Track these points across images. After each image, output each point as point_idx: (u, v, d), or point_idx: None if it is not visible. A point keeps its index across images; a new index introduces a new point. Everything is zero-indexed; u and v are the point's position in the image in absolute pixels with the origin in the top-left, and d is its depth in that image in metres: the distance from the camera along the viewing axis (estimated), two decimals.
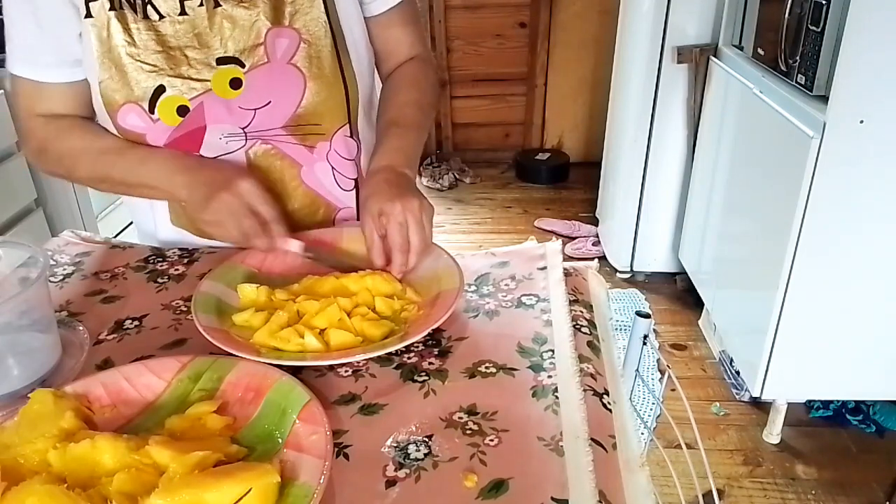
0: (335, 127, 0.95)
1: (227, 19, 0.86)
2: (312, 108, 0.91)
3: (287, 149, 0.93)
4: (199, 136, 0.89)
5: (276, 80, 0.88)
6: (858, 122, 1.48)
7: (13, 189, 1.97)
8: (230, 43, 0.86)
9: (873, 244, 1.60)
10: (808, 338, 1.73)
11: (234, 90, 0.88)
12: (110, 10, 0.84)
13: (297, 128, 0.92)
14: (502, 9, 3.47)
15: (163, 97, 0.86)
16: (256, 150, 0.92)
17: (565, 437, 0.61)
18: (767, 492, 1.74)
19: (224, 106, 0.88)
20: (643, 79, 2.35)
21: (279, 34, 0.87)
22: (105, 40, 0.84)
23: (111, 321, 0.81)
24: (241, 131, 0.90)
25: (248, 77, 0.87)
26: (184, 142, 0.89)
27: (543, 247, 0.93)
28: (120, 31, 0.84)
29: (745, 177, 1.96)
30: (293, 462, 0.57)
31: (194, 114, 0.87)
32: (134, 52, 0.84)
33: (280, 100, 0.89)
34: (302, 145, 0.93)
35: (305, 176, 0.96)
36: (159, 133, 0.88)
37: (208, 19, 0.86)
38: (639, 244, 2.61)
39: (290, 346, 0.71)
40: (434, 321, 0.73)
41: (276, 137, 0.92)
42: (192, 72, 0.86)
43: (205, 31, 0.86)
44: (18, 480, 0.54)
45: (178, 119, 0.87)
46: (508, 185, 3.64)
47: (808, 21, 1.57)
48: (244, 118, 0.89)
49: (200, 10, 0.85)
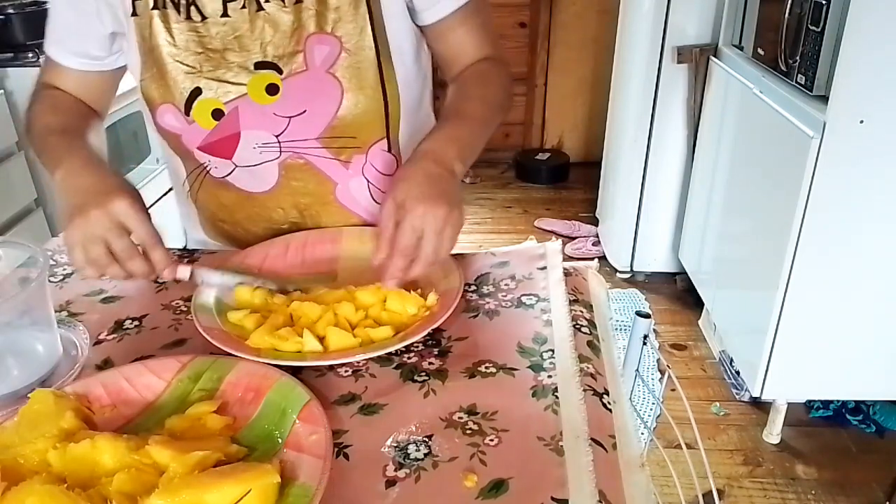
0: (372, 140, 0.91)
1: (268, 23, 0.84)
2: (349, 120, 0.87)
3: (321, 164, 0.90)
4: (234, 142, 0.88)
5: (314, 88, 0.85)
6: (858, 122, 1.48)
7: (13, 189, 1.97)
8: (270, 48, 0.84)
9: (873, 244, 1.60)
10: (808, 338, 1.73)
11: (270, 96, 0.85)
12: (153, 9, 0.83)
13: (333, 140, 0.89)
14: (502, 9, 3.47)
15: (198, 99, 0.85)
16: (291, 164, 0.90)
17: (565, 437, 0.61)
18: (767, 492, 1.74)
19: (259, 112, 0.86)
20: (643, 79, 2.35)
21: (320, 41, 0.84)
22: (147, 39, 0.84)
23: (111, 321, 0.81)
24: (275, 140, 0.87)
25: (285, 84, 0.85)
26: (217, 147, 0.88)
27: (543, 247, 0.93)
28: (162, 30, 0.84)
29: (745, 177, 1.96)
30: (293, 462, 0.57)
31: (229, 118, 0.86)
32: (174, 52, 0.84)
33: (316, 109, 0.86)
34: (337, 160, 0.90)
35: (340, 194, 0.93)
36: (194, 135, 0.87)
37: (250, 22, 0.84)
38: (639, 244, 2.61)
39: (289, 345, 0.71)
40: (434, 321, 0.73)
41: (310, 150, 0.89)
42: (229, 75, 0.84)
43: (245, 34, 0.84)
44: (18, 480, 0.54)
45: (213, 122, 0.86)
46: (508, 185, 3.64)
47: (808, 21, 1.58)
48: (279, 125, 0.87)
49: (243, 12, 0.83)
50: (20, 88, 1.99)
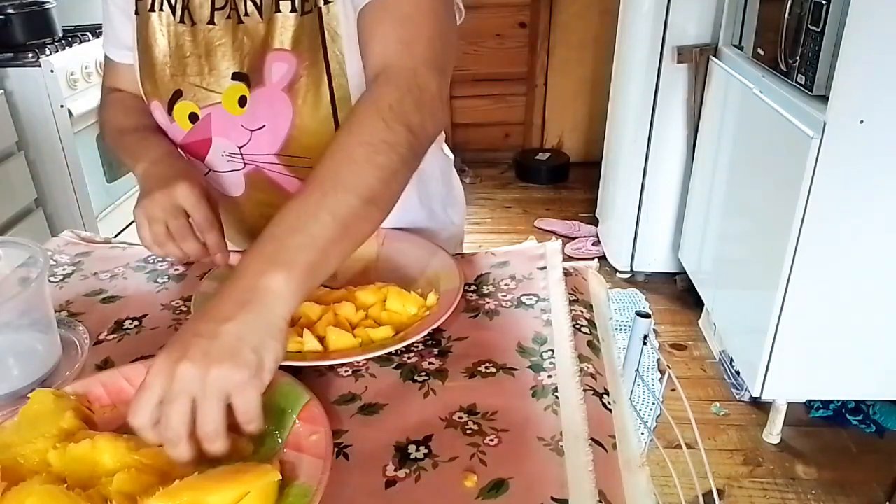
0: None
1: (246, 35, 0.84)
2: (301, 140, 0.85)
3: (280, 179, 0.90)
4: (206, 147, 0.91)
5: (270, 105, 0.85)
6: (858, 122, 1.48)
7: (13, 189, 1.97)
8: (246, 60, 0.85)
9: (873, 244, 1.60)
10: (808, 338, 1.73)
11: (240, 107, 0.87)
12: (150, 11, 0.86)
13: (288, 157, 0.88)
14: (502, 9, 3.47)
15: (179, 101, 0.88)
16: (254, 176, 0.91)
17: (565, 437, 0.61)
18: (767, 492, 1.74)
19: (229, 121, 0.88)
20: (643, 79, 2.35)
21: (278, 58, 0.83)
22: (144, 38, 0.87)
23: (111, 321, 0.81)
24: (238, 151, 0.89)
25: (251, 97, 0.86)
26: (192, 149, 0.91)
27: (543, 247, 0.93)
28: (157, 31, 0.87)
29: (745, 177, 1.96)
30: (293, 462, 0.57)
31: (202, 123, 0.89)
32: (164, 53, 0.87)
33: (271, 125, 0.86)
34: (294, 177, 0.90)
35: None
36: (175, 134, 0.91)
37: (231, 32, 0.85)
38: (639, 244, 2.61)
39: (289, 345, 0.71)
40: (434, 321, 0.73)
41: (268, 165, 0.89)
42: (208, 81, 0.87)
43: (227, 44, 0.85)
44: (18, 480, 0.54)
45: (190, 125, 0.89)
46: (508, 185, 3.64)
47: (808, 21, 1.58)
48: (242, 137, 0.88)
49: (228, 22, 0.85)
50: (20, 88, 1.99)
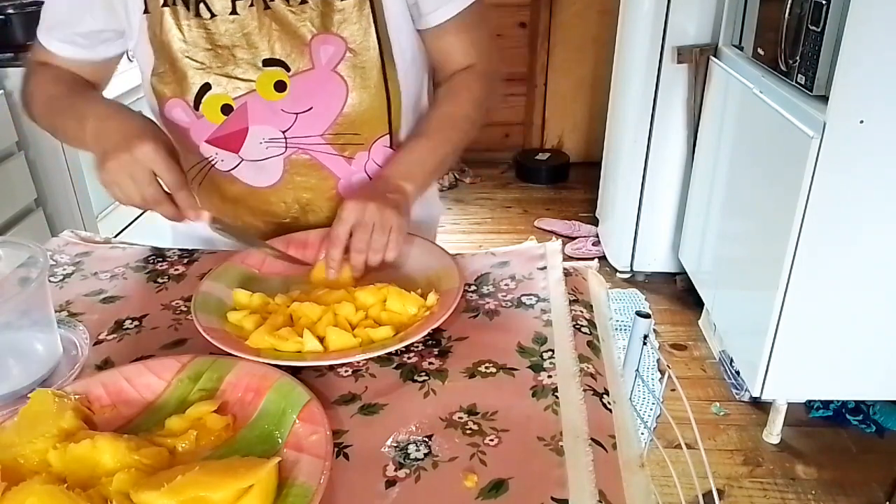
0: (375, 136, 0.93)
1: (275, 21, 0.86)
2: (353, 117, 0.90)
3: (325, 159, 0.93)
4: (241, 137, 0.90)
5: (319, 86, 0.88)
6: (858, 122, 1.48)
7: (13, 189, 1.97)
8: (277, 45, 0.86)
9: (873, 244, 1.60)
10: (808, 338, 1.73)
11: (278, 93, 0.88)
12: (164, 6, 0.85)
13: (337, 136, 0.91)
14: (502, 9, 3.47)
15: (208, 94, 0.87)
16: (295, 159, 0.92)
17: (565, 437, 0.61)
18: (767, 492, 1.74)
19: (267, 108, 0.88)
20: (643, 79, 2.35)
21: (325, 41, 0.86)
22: (158, 34, 0.86)
23: (111, 321, 0.81)
24: (281, 135, 0.90)
25: (292, 81, 0.87)
26: (225, 141, 0.90)
27: (543, 247, 0.93)
28: (173, 26, 0.86)
29: (745, 177, 1.96)
30: (293, 462, 0.57)
31: (238, 113, 0.88)
32: (184, 48, 0.86)
33: (321, 106, 0.89)
34: (340, 156, 0.93)
35: (342, 189, 0.96)
36: (202, 130, 0.90)
37: (258, 20, 0.86)
38: (639, 244, 2.61)
39: (289, 345, 0.71)
40: (434, 321, 0.73)
41: (314, 147, 0.92)
42: (238, 71, 0.87)
43: (253, 32, 0.86)
44: (18, 480, 0.54)
45: (222, 117, 0.89)
46: (508, 185, 3.64)
47: (808, 21, 1.58)
48: (286, 121, 0.89)
49: (251, 10, 0.85)
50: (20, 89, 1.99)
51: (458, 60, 0.96)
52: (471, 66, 0.96)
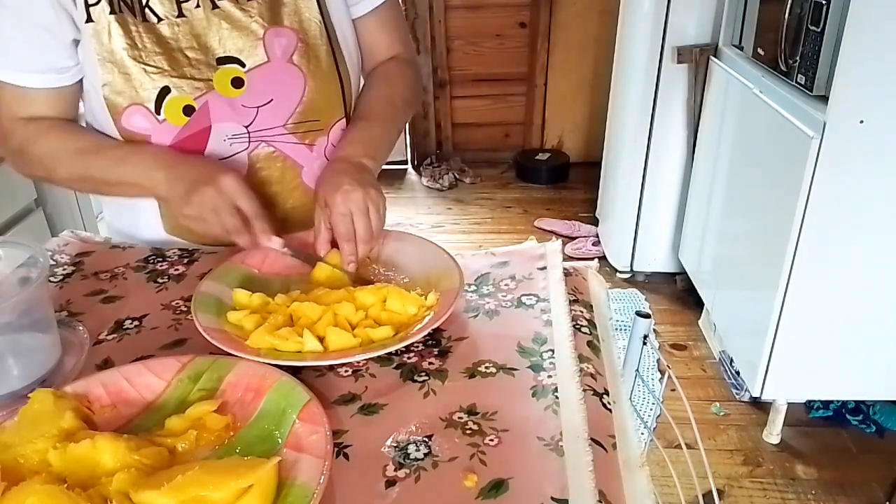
0: (333, 120, 0.97)
1: (224, 20, 0.88)
2: (312, 105, 0.93)
3: (288, 150, 0.95)
4: (205, 137, 0.90)
5: (277, 78, 0.90)
6: (858, 122, 1.48)
7: (13, 189, 1.97)
8: (229, 43, 0.88)
9: (873, 244, 1.60)
10: (808, 338, 1.73)
11: (236, 89, 0.89)
12: (110, 14, 0.84)
13: (298, 125, 0.94)
14: (502, 9, 3.46)
15: (168, 98, 0.87)
16: (259, 153, 0.94)
17: (565, 437, 0.61)
18: (767, 492, 1.74)
19: (228, 104, 0.90)
20: (643, 79, 2.35)
21: (278, 34, 0.89)
22: (106, 44, 0.85)
23: (111, 321, 0.81)
24: (244, 131, 0.91)
25: (249, 76, 0.89)
26: (189, 143, 0.90)
27: (543, 247, 0.93)
28: (121, 34, 0.85)
29: (745, 177, 1.96)
30: (293, 462, 0.57)
31: (200, 113, 0.89)
32: (136, 54, 0.85)
33: (281, 97, 0.91)
34: (302, 144, 0.95)
35: (306, 176, 0.98)
36: (165, 134, 0.89)
37: (206, 20, 0.87)
38: (639, 244, 2.61)
39: (289, 345, 0.71)
40: (434, 321, 0.73)
41: (277, 138, 0.93)
42: (194, 72, 0.88)
43: (203, 32, 0.87)
44: (18, 480, 0.54)
45: (185, 119, 0.89)
46: (508, 185, 3.64)
47: (808, 21, 1.57)
48: (247, 116, 0.91)
49: (197, 11, 0.87)
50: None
51: (382, 51, 1.03)
52: (396, 56, 1.04)
